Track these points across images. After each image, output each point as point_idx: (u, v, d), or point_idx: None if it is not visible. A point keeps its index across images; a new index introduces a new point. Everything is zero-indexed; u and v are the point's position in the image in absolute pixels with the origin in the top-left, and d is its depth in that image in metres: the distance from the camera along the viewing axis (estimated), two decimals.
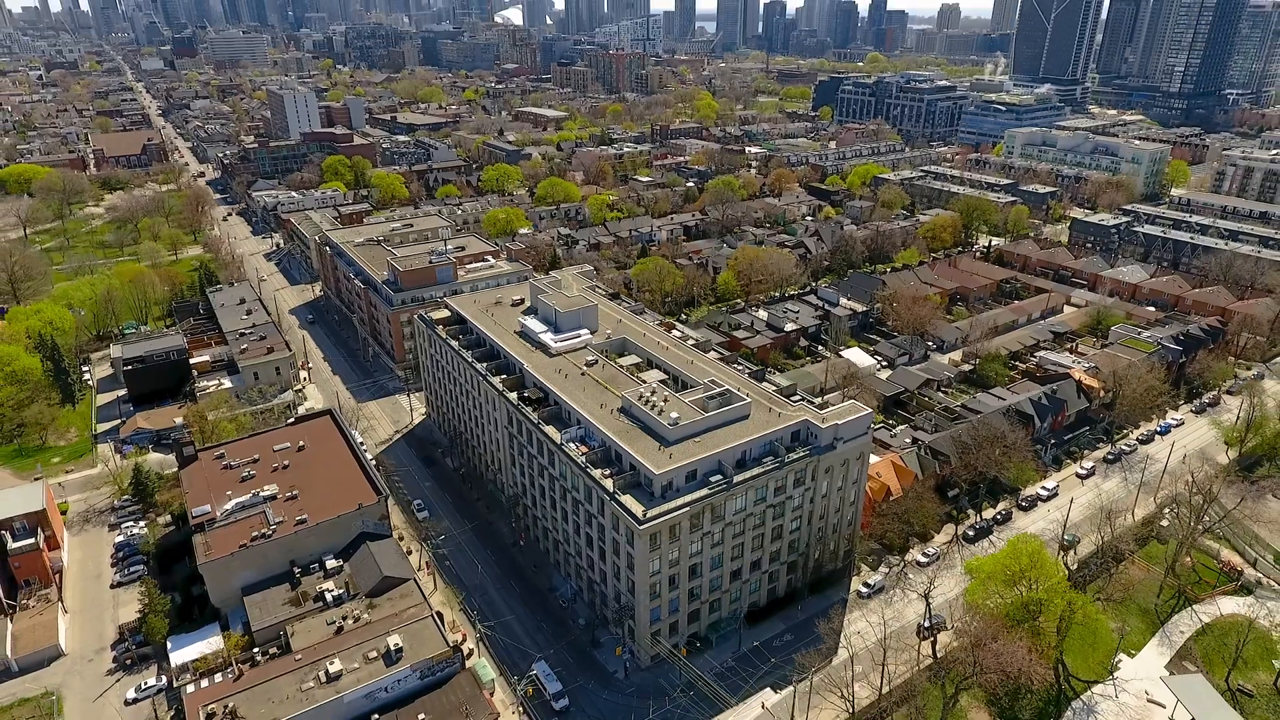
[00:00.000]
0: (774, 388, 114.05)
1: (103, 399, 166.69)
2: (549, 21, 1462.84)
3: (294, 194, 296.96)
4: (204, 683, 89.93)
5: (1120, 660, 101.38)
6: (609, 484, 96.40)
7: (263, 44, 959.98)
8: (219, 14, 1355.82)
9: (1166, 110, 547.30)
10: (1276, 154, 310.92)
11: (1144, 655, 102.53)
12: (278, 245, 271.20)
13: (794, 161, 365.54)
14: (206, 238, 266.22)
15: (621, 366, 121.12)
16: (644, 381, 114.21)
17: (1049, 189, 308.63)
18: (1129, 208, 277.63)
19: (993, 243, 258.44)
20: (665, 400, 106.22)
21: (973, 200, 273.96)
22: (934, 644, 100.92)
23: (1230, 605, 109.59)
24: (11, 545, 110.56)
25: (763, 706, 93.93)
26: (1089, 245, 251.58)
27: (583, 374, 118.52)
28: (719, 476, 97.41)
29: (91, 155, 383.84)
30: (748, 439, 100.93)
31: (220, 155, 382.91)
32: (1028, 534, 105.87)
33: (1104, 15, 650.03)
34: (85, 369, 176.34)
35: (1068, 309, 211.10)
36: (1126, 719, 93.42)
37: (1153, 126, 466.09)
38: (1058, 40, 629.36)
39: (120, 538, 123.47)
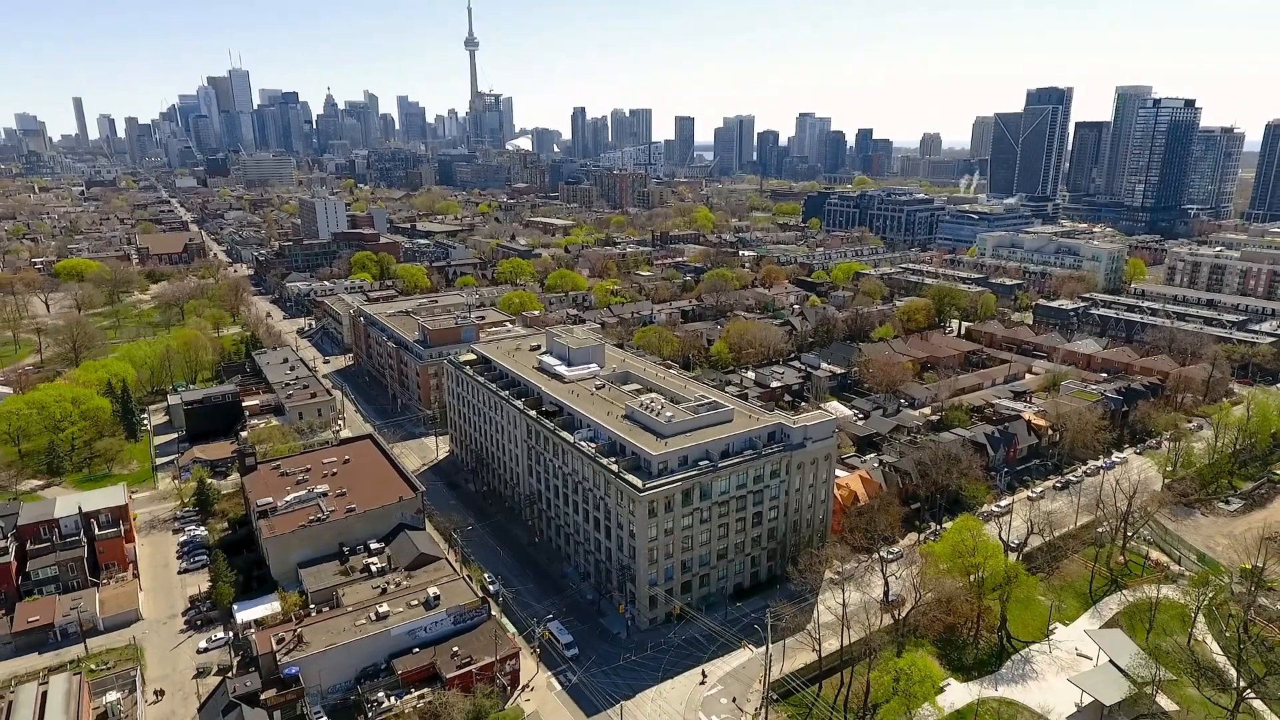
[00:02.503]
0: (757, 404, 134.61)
1: (158, 440, 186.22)
2: (556, 149, 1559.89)
3: (325, 283, 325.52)
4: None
5: (1055, 628, 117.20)
6: (614, 467, 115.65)
7: (289, 165, 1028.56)
8: (249, 141, 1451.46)
9: (1132, 223, 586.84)
10: (1220, 250, 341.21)
11: (1076, 624, 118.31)
12: (310, 324, 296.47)
13: (783, 261, 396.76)
14: (245, 318, 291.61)
15: (625, 390, 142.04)
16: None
17: (1016, 281, 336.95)
18: (1088, 295, 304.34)
19: (962, 324, 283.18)
20: (662, 407, 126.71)
21: (944, 288, 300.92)
22: (894, 614, 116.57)
23: (1154, 590, 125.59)
24: (98, 532, 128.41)
25: (744, 644, 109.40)
26: (1050, 325, 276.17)
27: (592, 394, 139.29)
28: (706, 461, 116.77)
29: (136, 253, 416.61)
30: (730, 434, 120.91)
31: (255, 254, 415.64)
32: (969, 516, 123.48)
33: (1069, 140, 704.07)
34: (144, 416, 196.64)
35: (1029, 376, 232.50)
36: (1058, 667, 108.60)
37: (1117, 235, 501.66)
38: (1027, 162, 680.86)
39: (184, 537, 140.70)
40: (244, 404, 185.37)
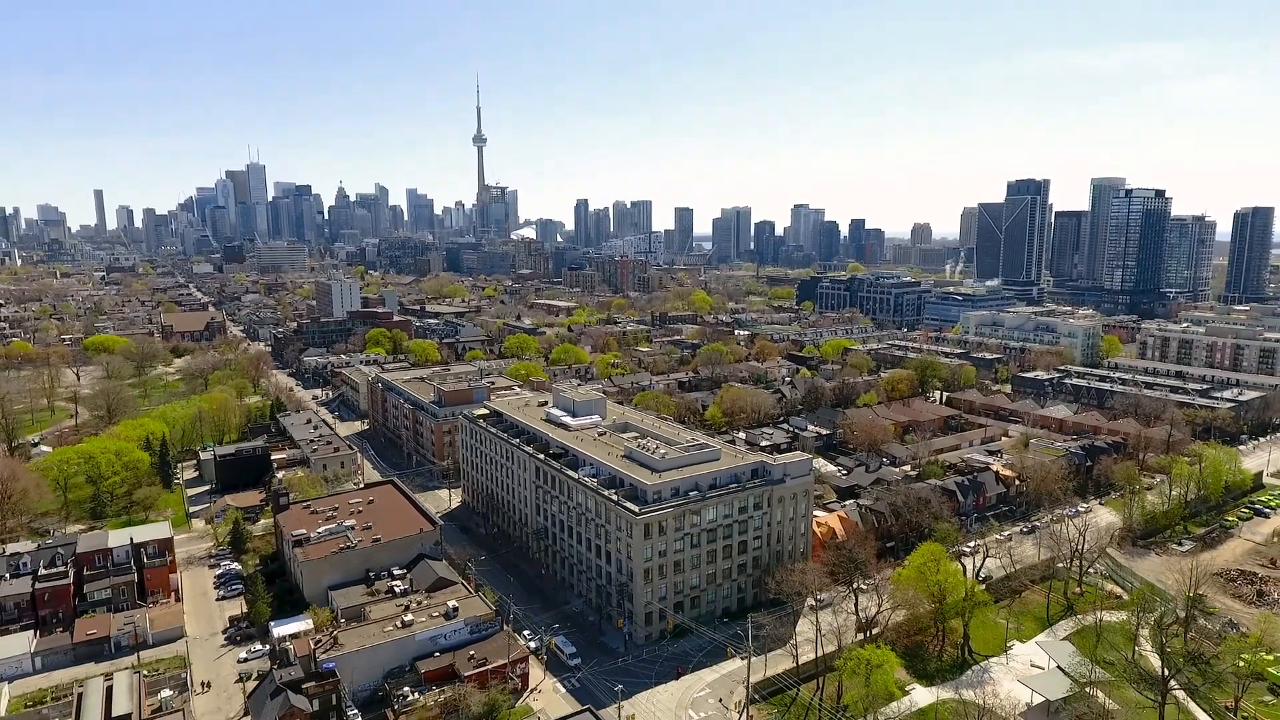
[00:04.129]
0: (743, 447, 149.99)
1: (189, 492, 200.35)
2: (559, 239, 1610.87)
3: (342, 356, 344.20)
4: None
5: (1013, 644, 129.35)
6: (614, 496, 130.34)
7: (302, 253, 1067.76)
8: (263, 230, 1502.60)
9: (1114, 305, 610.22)
10: (1187, 326, 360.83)
11: (1032, 641, 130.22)
12: (327, 394, 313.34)
13: (777, 338, 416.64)
14: (266, 388, 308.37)
15: (624, 436, 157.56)
16: None
17: (996, 356, 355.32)
18: (1063, 368, 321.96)
19: (943, 394, 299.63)
20: (657, 446, 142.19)
21: (926, 360, 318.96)
22: (867, 632, 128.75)
23: (1106, 616, 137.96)
24: (146, 561, 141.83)
25: (729, 650, 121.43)
26: (1027, 394, 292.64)
27: (595, 439, 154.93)
28: (696, 492, 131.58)
29: (160, 331, 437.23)
30: (717, 469, 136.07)
31: (273, 332, 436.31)
32: (933, 543, 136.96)
33: (1049, 228, 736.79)
34: (176, 470, 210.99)
35: (1004, 439, 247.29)
36: (1013, 675, 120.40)
37: (1097, 316, 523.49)
38: (1010, 249, 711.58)
39: (220, 570, 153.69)
40: (272, 457, 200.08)
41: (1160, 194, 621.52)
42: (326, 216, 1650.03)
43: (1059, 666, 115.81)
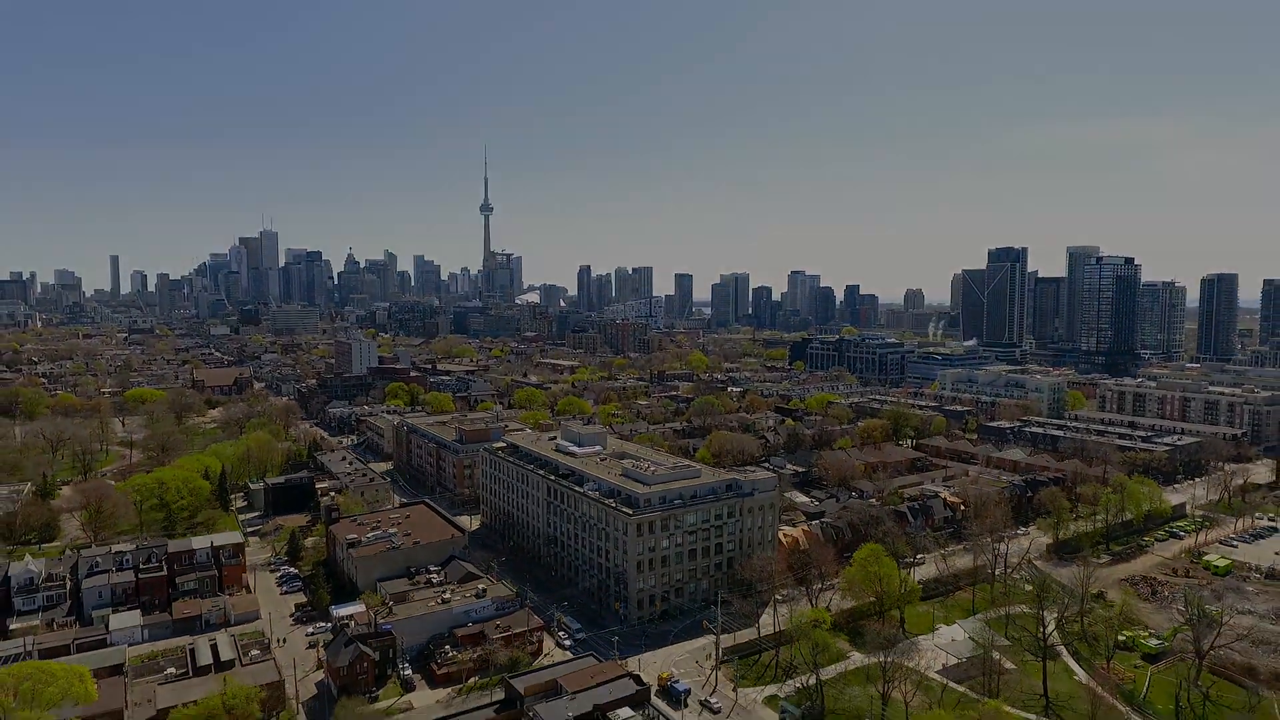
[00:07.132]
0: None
1: (241, 517, 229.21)
2: (562, 304, 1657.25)
3: (364, 407, 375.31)
4: None
5: (940, 627, 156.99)
6: (613, 503, 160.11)
7: (314, 316, 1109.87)
8: (275, 295, 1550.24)
9: (1090, 366, 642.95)
10: (1141, 381, 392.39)
11: (957, 624, 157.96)
12: (353, 440, 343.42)
13: (766, 394, 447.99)
14: (296, 435, 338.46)
15: (622, 461, 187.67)
16: None
17: (967, 408, 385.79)
18: (1025, 418, 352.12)
19: (914, 440, 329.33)
20: (649, 466, 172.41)
21: (900, 410, 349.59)
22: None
23: (1021, 608, 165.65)
24: (224, 560, 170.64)
25: (704, 625, 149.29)
26: (990, 440, 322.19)
27: (598, 463, 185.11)
28: (679, 501, 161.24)
29: (193, 385, 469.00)
30: (698, 484, 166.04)
31: (296, 387, 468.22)
32: (873, 544, 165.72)
33: (1029, 293, 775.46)
34: (230, 499, 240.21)
35: (963, 478, 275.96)
36: (935, 644, 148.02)
37: (1069, 374, 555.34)
38: (993, 313, 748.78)
39: (280, 573, 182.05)
40: (316, 486, 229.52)
41: (1130, 261, 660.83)
42: (336, 281, 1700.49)
43: (970, 636, 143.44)
